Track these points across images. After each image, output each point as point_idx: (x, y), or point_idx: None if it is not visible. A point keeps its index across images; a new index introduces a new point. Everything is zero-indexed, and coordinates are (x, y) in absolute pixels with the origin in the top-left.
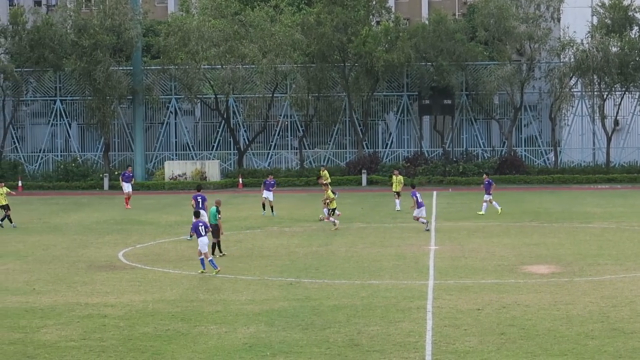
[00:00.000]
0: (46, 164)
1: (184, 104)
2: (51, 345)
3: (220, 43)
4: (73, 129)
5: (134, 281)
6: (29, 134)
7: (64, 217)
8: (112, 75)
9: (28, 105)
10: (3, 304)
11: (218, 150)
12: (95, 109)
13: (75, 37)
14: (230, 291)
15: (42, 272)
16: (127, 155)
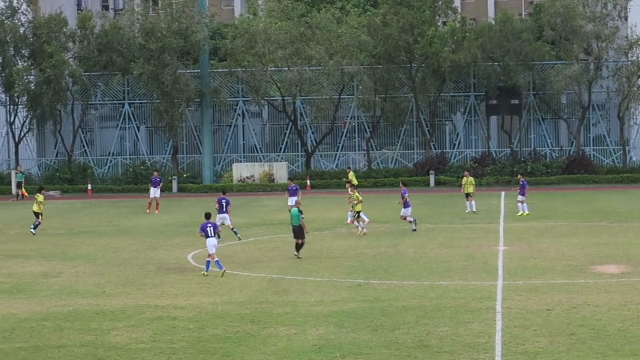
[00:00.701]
0: (115, 168)
1: (251, 106)
2: (122, 347)
3: (287, 45)
4: (142, 132)
5: (203, 283)
6: (98, 137)
7: (133, 220)
8: (180, 79)
9: (97, 109)
10: (74, 307)
11: (286, 152)
12: (164, 112)
13: (143, 41)
14: (300, 293)
15: (113, 274)
16: (195, 158)
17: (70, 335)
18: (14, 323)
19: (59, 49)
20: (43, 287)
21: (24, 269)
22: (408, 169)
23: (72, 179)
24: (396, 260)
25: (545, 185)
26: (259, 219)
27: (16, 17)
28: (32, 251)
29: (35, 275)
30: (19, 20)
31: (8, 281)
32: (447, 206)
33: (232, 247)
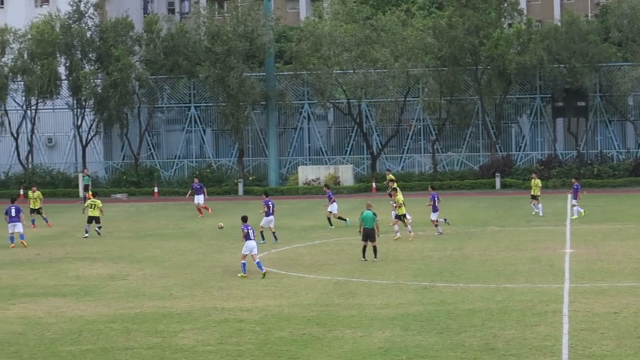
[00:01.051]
0: (181, 170)
1: (316, 109)
2: (188, 349)
3: (352, 48)
4: (207, 135)
5: (269, 286)
6: (164, 140)
7: (199, 222)
8: (245, 81)
9: (163, 112)
10: (141, 309)
11: (351, 154)
12: (229, 115)
13: (209, 44)
14: (365, 295)
15: (179, 277)
16: (260, 161)
17: (137, 337)
18: (82, 325)
19: (125, 53)
20: (110, 289)
21: (91, 271)
22: (473, 171)
23: (139, 181)
24: (462, 262)
25: (612, 187)
26: (324, 222)
27: (83, 20)
28: (99, 253)
29: (102, 278)
30: (86, 24)
31: (75, 283)
32: (512, 208)
33: (298, 250)
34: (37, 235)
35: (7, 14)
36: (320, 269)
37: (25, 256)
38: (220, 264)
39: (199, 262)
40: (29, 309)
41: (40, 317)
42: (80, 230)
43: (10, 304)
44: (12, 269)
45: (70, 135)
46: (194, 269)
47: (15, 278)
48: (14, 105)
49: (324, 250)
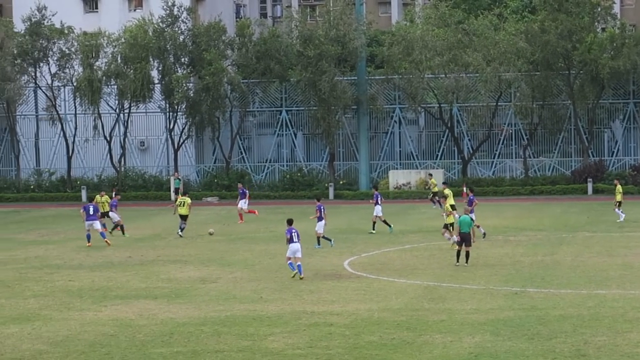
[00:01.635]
0: (272, 174)
1: (407, 113)
2: (278, 353)
3: (443, 52)
4: (298, 139)
5: (359, 290)
6: (255, 144)
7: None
8: (336, 86)
9: (255, 115)
10: (231, 312)
11: (442, 159)
12: (320, 119)
13: (301, 48)
14: (455, 300)
15: (269, 280)
16: (351, 165)
17: (227, 340)
18: (173, 327)
19: (217, 57)
20: (201, 292)
21: (182, 274)
22: (565, 176)
23: (230, 185)
24: (553, 268)
25: None
26: (414, 226)
27: (176, 25)
28: (190, 256)
29: (193, 280)
30: (179, 28)
31: (167, 286)
32: (604, 214)
33: (389, 254)
34: (129, 237)
35: (101, 18)
36: (410, 274)
37: (117, 259)
38: (310, 268)
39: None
40: (121, 311)
41: (131, 319)
42: (172, 233)
43: (102, 305)
44: (105, 271)
45: (162, 139)
46: (284, 272)
47: (108, 280)
48: (107, 108)
49: (415, 255)
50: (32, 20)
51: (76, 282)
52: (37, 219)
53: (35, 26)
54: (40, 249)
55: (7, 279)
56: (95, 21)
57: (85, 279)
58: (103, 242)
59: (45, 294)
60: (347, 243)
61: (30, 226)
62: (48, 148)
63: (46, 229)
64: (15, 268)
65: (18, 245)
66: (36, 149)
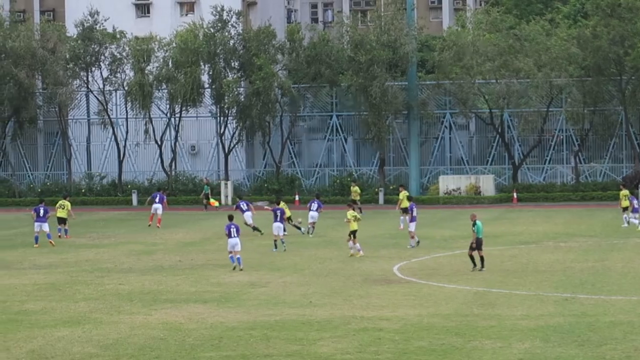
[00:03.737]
0: (322, 179)
1: (458, 118)
2: (327, 357)
3: (494, 57)
4: (349, 144)
5: (409, 295)
6: (305, 149)
7: (339, 231)
8: (387, 91)
9: (305, 120)
10: (281, 316)
11: (492, 164)
12: (371, 124)
13: (352, 53)
14: (505, 306)
15: (319, 285)
16: (401, 170)
17: (276, 344)
18: (222, 331)
19: (268, 61)
20: (250, 296)
21: (232, 278)
22: (616, 182)
23: (280, 189)
24: (603, 274)
25: None
26: (464, 232)
27: (226, 29)
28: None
29: (243, 285)
30: (229, 32)
31: (217, 290)
32: None
33: (438, 259)
34: (179, 241)
35: (153, 22)
36: (460, 279)
37: (168, 262)
38: (360, 273)
39: (338, 270)
40: (171, 314)
41: (181, 323)
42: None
43: (152, 309)
44: (155, 275)
45: (213, 143)
46: (333, 277)
47: (158, 284)
48: (158, 113)
49: (464, 261)
50: (85, 25)
51: (126, 286)
52: (88, 223)
53: (88, 31)
54: (91, 252)
55: (58, 282)
56: (147, 26)
57: (136, 283)
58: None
59: (95, 297)
60: (397, 248)
61: (81, 230)
62: (99, 152)
63: (97, 232)
64: (66, 271)
65: (69, 248)
66: (87, 152)
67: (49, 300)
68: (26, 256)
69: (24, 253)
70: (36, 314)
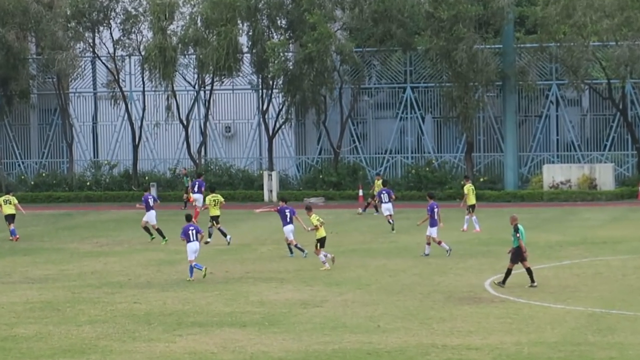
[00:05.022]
0: (393, 168)
1: (567, 91)
2: None
3: (614, 13)
4: (427, 124)
5: (504, 317)
6: (372, 130)
7: (415, 235)
8: (476, 56)
9: (371, 94)
10: (340, 344)
11: (612, 150)
12: (456, 99)
13: (431, 8)
14: (629, 332)
15: (389, 304)
16: (494, 158)
17: None
18: None
19: (323, 19)
20: (301, 318)
21: (278, 296)
22: None
23: (339, 182)
24: None
25: None
26: (576, 236)
27: None
28: (287, 273)
29: (291, 304)
30: None
31: (258, 310)
32: None
33: (542, 272)
34: (210, 249)
35: None
36: (570, 297)
37: (196, 275)
38: (442, 289)
39: (414, 286)
40: (200, 341)
41: (213, 353)
42: (265, 243)
43: (176, 335)
44: (180, 291)
45: (253, 123)
46: (407, 294)
47: (183, 303)
48: (183, 84)
49: (575, 274)
50: None
51: (143, 305)
52: (94, 224)
53: None
54: (99, 262)
55: (56, 300)
56: None
57: (155, 301)
58: (179, 255)
59: (104, 319)
60: (489, 257)
61: (85, 233)
62: (109, 134)
63: (106, 237)
64: (67, 286)
65: (70, 257)
66: (94, 135)
67: (45, 323)
68: (16, 267)
69: (13, 262)
70: (28, 341)
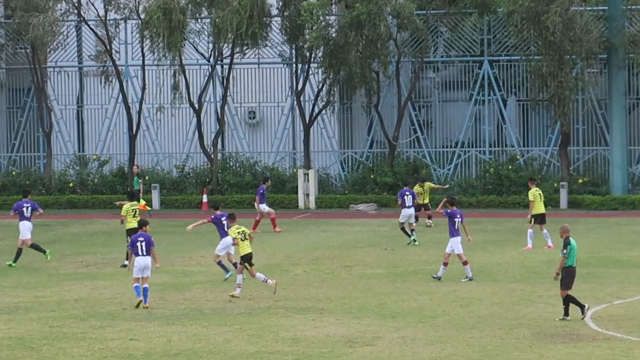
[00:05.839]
0: (466, 165)
1: None
2: None
3: None
4: (509, 109)
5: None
6: (438, 116)
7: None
8: (574, 21)
9: (437, 69)
10: None
11: None
12: (547, 76)
13: None
14: None
15: (460, 342)
16: (597, 152)
17: None
18: None
19: None
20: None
21: (316, 331)
22: None
23: (396, 184)
24: None
25: None
26: None
27: None
28: (329, 301)
29: (333, 342)
30: None
31: (291, 350)
32: None
33: (634, 304)
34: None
35: None
36: None
37: (210, 304)
38: (529, 323)
39: (493, 319)
40: None
41: None
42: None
43: None
44: (189, 325)
45: (285, 107)
46: (484, 329)
47: (194, 340)
48: (195, 57)
49: None
50: None
51: (142, 343)
52: (79, 238)
53: None
54: (84, 286)
55: (29, 337)
56: None
57: (157, 338)
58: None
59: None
60: (589, 282)
61: (67, 249)
62: (98, 121)
63: (93, 254)
64: (44, 318)
65: (48, 280)
66: (79, 122)
67: None
68: None
69: None
70: None
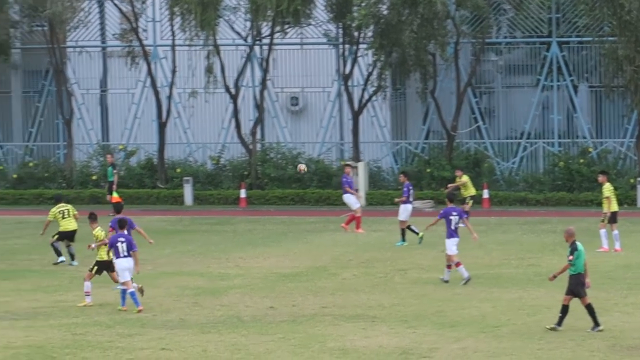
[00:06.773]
0: (532, 159)
1: None
2: None
3: None
4: (581, 96)
5: None
6: (502, 103)
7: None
8: None
9: (500, 52)
10: None
11: None
12: (623, 60)
13: None
14: None
15: (527, 355)
16: None
17: None
18: None
19: None
20: None
21: (367, 341)
22: None
23: (453, 178)
24: None
25: None
26: None
27: None
28: (381, 308)
29: (387, 353)
30: None
31: None
32: None
33: None
34: (269, 271)
35: None
36: None
37: (249, 310)
38: (604, 334)
39: (566, 328)
40: None
41: None
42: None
43: None
44: (226, 334)
45: (331, 93)
46: (553, 340)
47: (232, 350)
48: (231, 36)
49: None
50: None
51: (175, 353)
52: None
53: None
54: (110, 290)
55: (50, 345)
56: None
57: (191, 347)
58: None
59: None
60: None
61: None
62: (123, 108)
63: None
64: (66, 324)
65: (70, 283)
66: (102, 109)
67: None
68: None
69: None
70: None
